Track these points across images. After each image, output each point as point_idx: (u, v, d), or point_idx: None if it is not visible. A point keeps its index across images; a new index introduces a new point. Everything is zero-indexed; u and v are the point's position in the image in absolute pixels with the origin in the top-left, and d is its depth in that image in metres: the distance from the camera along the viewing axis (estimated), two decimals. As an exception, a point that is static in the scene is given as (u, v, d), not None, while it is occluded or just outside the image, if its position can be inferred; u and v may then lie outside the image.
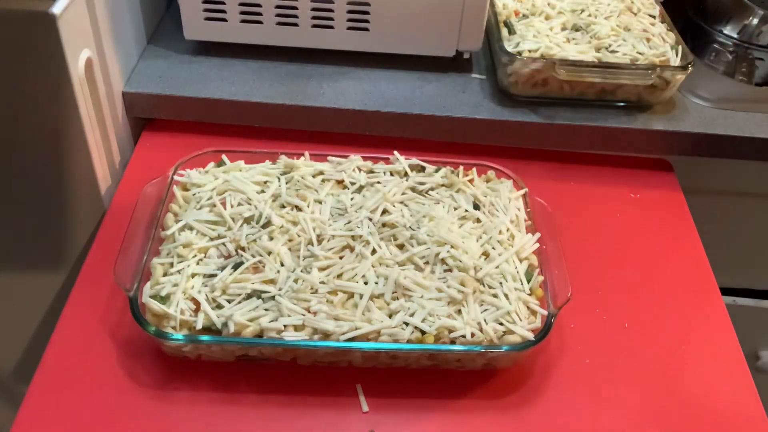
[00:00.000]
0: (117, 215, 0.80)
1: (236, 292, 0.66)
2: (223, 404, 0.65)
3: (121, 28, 0.86)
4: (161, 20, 1.01)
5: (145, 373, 0.67)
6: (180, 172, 0.78)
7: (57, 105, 0.74)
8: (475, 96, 0.92)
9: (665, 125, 0.90)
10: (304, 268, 0.68)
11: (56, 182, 0.80)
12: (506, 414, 0.66)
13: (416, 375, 0.68)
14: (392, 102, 0.89)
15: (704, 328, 0.75)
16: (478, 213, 0.76)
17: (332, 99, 0.89)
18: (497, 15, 0.95)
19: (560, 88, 0.90)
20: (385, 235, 0.72)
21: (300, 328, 0.64)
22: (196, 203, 0.74)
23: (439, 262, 0.70)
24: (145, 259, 0.69)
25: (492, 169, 0.82)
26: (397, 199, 0.76)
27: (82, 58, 0.74)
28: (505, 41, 0.90)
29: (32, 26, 0.68)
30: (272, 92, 0.90)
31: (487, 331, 0.64)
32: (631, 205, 0.88)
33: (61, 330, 0.70)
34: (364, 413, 0.65)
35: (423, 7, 0.89)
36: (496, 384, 0.68)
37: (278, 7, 0.89)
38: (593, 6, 0.98)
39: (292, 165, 0.79)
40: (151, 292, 0.65)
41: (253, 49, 0.94)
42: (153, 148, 0.91)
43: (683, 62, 0.89)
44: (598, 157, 0.93)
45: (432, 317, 0.65)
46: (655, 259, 0.82)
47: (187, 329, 0.64)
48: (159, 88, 0.89)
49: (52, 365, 0.67)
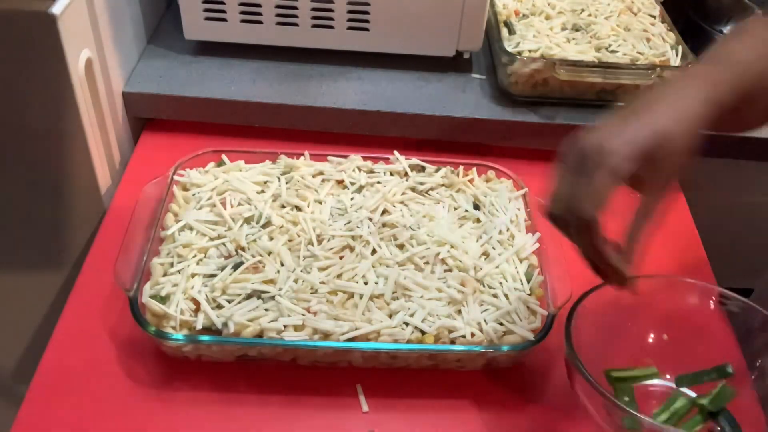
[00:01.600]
0: (117, 215, 0.80)
1: (236, 292, 0.66)
2: (223, 404, 0.65)
3: (121, 28, 0.86)
4: (161, 20, 1.01)
5: (145, 373, 0.67)
6: (180, 172, 0.78)
7: (57, 105, 0.74)
8: (475, 96, 0.92)
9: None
10: (304, 268, 0.68)
11: (56, 182, 0.80)
12: (506, 414, 0.66)
13: (416, 375, 0.68)
14: (392, 102, 0.89)
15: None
16: (478, 213, 0.76)
17: (332, 99, 0.89)
18: (497, 15, 0.95)
19: (560, 88, 0.90)
20: (385, 235, 0.72)
21: (300, 328, 0.64)
22: (196, 203, 0.74)
23: (439, 262, 0.70)
24: (145, 259, 0.69)
25: (492, 169, 0.82)
26: (397, 199, 0.76)
27: (82, 58, 0.74)
28: (505, 41, 0.90)
29: (32, 26, 0.68)
30: (272, 92, 0.90)
31: (487, 331, 0.64)
32: (631, 205, 0.88)
33: (61, 330, 0.70)
34: (364, 413, 0.65)
35: (423, 7, 0.89)
36: (496, 384, 0.68)
37: (278, 6, 0.89)
38: (593, 6, 0.98)
39: (292, 165, 0.79)
40: (151, 292, 0.65)
41: (253, 49, 0.94)
42: (153, 148, 0.91)
43: (683, 62, 0.89)
44: (598, 157, 0.93)
45: (432, 317, 0.65)
46: (655, 259, 0.82)
47: (187, 329, 0.64)
48: (159, 88, 0.89)
49: (52, 365, 0.67)
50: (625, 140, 0.51)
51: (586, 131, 0.53)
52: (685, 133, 0.53)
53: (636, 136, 0.51)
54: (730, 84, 0.55)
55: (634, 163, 0.51)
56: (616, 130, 0.52)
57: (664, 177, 0.55)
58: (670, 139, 0.52)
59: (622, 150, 0.51)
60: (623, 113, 0.54)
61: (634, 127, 0.52)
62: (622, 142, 0.51)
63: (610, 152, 0.51)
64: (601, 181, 0.51)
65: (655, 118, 0.53)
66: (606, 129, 0.52)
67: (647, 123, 0.52)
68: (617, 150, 0.51)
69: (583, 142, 0.52)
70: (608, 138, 0.51)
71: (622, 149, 0.51)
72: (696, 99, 0.54)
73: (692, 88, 0.55)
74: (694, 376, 0.62)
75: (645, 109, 0.53)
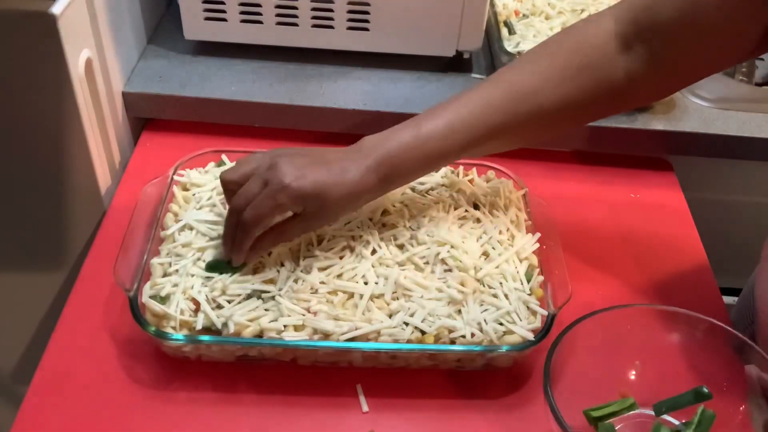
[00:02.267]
0: (117, 215, 0.80)
1: (236, 293, 0.65)
2: (223, 404, 0.65)
3: (121, 28, 0.86)
4: (161, 20, 1.01)
5: (145, 373, 0.67)
6: (180, 172, 0.78)
7: (57, 105, 0.74)
8: (475, 96, 0.92)
9: (665, 125, 0.90)
10: (304, 268, 0.68)
11: (56, 182, 0.80)
12: (506, 414, 0.66)
13: (416, 375, 0.68)
14: (392, 102, 0.89)
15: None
16: (478, 213, 0.76)
17: (332, 99, 0.89)
18: (497, 15, 0.95)
19: (560, 88, 0.90)
20: (385, 235, 0.72)
21: (300, 328, 0.64)
22: (196, 203, 0.74)
23: (439, 262, 0.70)
24: (145, 259, 0.69)
25: (492, 169, 0.82)
26: (396, 199, 0.76)
27: (82, 58, 0.74)
28: (505, 41, 0.90)
29: (32, 26, 0.68)
30: (272, 92, 0.90)
31: (487, 331, 0.64)
32: (631, 205, 0.88)
33: (61, 330, 0.70)
34: (364, 413, 0.65)
35: (423, 7, 0.89)
36: (496, 384, 0.68)
37: (278, 6, 0.89)
38: (593, 6, 0.98)
39: (292, 165, 0.79)
40: (151, 292, 0.65)
41: (253, 49, 0.94)
42: (153, 148, 0.91)
43: (683, 62, 0.89)
44: (598, 156, 0.93)
45: (432, 317, 0.65)
46: (655, 259, 0.82)
47: (187, 329, 0.64)
48: (159, 88, 0.89)
49: (52, 365, 0.67)
50: (301, 183, 0.61)
51: (285, 154, 0.63)
52: (342, 198, 0.63)
53: (308, 184, 0.62)
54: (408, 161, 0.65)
55: (297, 203, 0.63)
56: (300, 172, 0.62)
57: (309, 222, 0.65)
58: (330, 202, 0.63)
59: (295, 189, 0.61)
60: (317, 157, 0.64)
61: (312, 177, 0.62)
62: (299, 184, 0.61)
63: (283, 189, 0.61)
64: (269, 206, 0.62)
65: (327, 172, 0.62)
66: (296, 165, 0.62)
67: (319, 174, 0.62)
68: (292, 188, 0.61)
69: (279, 163, 0.62)
70: (291, 175, 0.61)
71: (295, 188, 0.61)
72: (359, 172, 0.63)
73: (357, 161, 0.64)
74: (671, 402, 0.62)
75: (326, 162, 0.63)
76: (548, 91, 0.64)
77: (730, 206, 1.07)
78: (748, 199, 1.10)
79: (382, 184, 0.65)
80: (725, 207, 1.06)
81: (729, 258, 0.96)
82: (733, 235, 1.06)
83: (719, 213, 1.05)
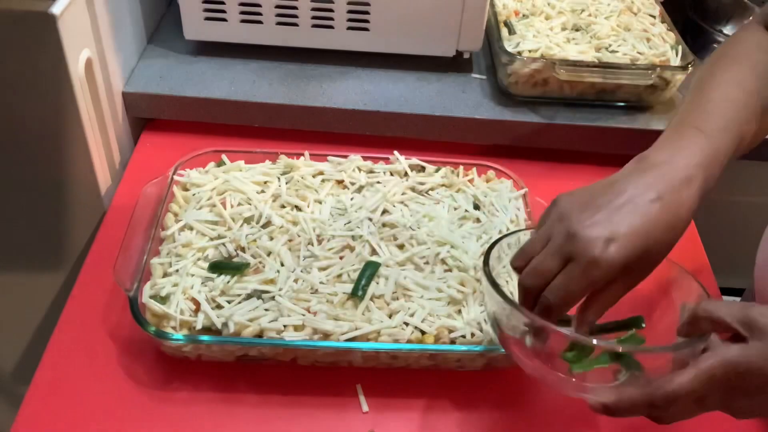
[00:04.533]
0: (117, 215, 0.80)
1: (236, 293, 0.66)
2: (223, 404, 0.65)
3: (121, 28, 0.86)
4: (161, 20, 1.01)
5: (145, 373, 0.67)
6: (180, 172, 0.78)
7: (57, 105, 0.74)
8: (475, 96, 0.92)
9: (665, 125, 0.89)
10: (304, 268, 0.68)
11: (56, 182, 0.80)
12: (506, 414, 0.66)
13: (416, 375, 0.68)
14: (392, 102, 0.89)
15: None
16: (478, 213, 0.76)
17: (332, 99, 0.89)
18: (497, 15, 0.95)
19: (560, 88, 0.90)
20: (385, 235, 0.72)
21: (300, 328, 0.64)
22: (196, 203, 0.74)
23: (439, 262, 0.70)
24: (145, 259, 0.69)
25: (492, 169, 0.82)
26: (397, 199, 0.76)
27: (82, 58, 0.74)
28: (505, 41, 0.90)
29: (32, 26, 0.68)
30: (272, 92, 0.90)
31: (487, 331, 0.64)
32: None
33: (61, 330, 0.70)
34: (364, 413, 0.65)
35: (423, 7, 0.89)
36: (496, 384, 0.68)
37: (278, 7, 0.89)
38: (593, 6, 0.98)
39: (292, 165, 0.79)
40: (151, 292, 0.65)
41: (253, 49, 0.94)
42: (153, 148, 0.91)
43: (683, 62, 0.89)
44: (599, 156, 0.93)
45: (432, 317, 0.65)
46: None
47: (187, 329, 0.64)
48: (159, 88, 0.89)
49: (52, 365, 0.67)
50: (617, 248, 0.49)
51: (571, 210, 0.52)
52: (674, 240, 0.52)
53: (626, 245, 0.49)
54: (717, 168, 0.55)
55: (617, 273, 0.50)
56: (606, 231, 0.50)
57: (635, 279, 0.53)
58: (658, 251, 0.51)
59: (611, 260, 0.49)
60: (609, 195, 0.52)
61: (626, 233, 0.50)
62: (614, 251, 0.49)
63: (596, 264, 0.49)
64: (580, 288, 0.50)
65: (649, 221, 0.50)
66: (596, 221, 0.50)
67: (639, 230, 0.50)
68: (606, 260, 0.49)
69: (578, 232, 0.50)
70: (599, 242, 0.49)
71: (610, 259, 0.49)
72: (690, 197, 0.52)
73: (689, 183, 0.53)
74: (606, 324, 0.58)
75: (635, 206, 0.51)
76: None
77: (730, 206, 1.07)
78: (748, 199, 1.10)
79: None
80: (725, 207, 1.06)
81: (729, 258, 0.95)
82: (733, 235, 1.06)
83: (719, 213, 1.05)
